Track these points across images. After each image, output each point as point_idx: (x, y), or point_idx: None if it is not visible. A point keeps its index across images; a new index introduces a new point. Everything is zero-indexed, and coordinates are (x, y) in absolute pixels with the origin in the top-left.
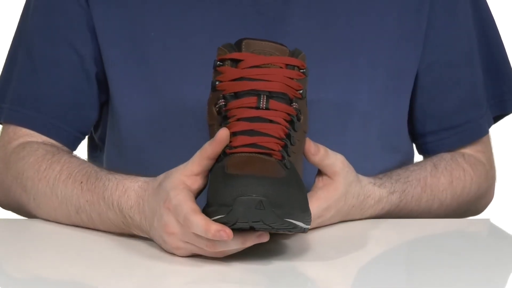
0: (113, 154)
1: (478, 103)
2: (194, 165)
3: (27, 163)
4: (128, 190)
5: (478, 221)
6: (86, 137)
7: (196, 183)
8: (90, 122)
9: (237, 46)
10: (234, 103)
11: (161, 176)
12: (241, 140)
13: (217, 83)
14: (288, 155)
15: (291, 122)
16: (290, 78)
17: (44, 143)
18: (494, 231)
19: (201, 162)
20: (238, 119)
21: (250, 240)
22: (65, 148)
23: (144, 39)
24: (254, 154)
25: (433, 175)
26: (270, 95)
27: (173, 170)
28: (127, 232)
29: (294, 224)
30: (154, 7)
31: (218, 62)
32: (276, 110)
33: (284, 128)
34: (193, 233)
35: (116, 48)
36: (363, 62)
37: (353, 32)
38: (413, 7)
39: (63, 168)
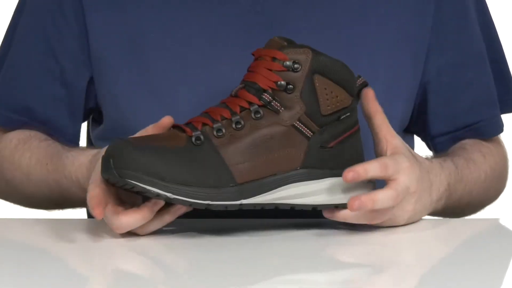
0: None
1: (491, 103)
2: None
3: (4, 157)
4: (82, 165)
5: (487, 221)
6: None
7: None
8: (66, 128)
9: None
10: None
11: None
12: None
13: None
14: (218, 135)
15: (245, 110)
16: (268, 69)
17: (18, 132)
18: (503, 231)
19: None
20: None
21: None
22: (40, 134)
23: (143, 42)
24: (174, 129)
25: (467, 153)
26: (244, 85)
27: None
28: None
29: (140, 187)
30: (152, 10)
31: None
32: (238, 97)
33: (229, 113)
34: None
35: (115, 52)
36: (363, 64)
37: (353, 34)
38: (415, 9)
39: (32, 154)
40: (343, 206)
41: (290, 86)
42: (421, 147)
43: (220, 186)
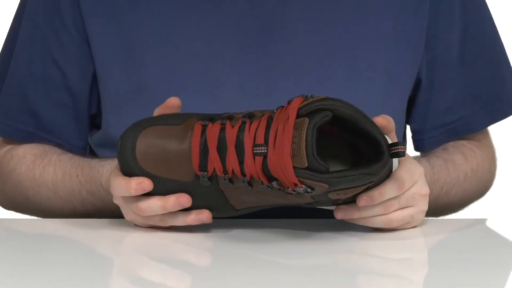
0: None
1: (472, 101)
2: None
3: (21, 174)
4: (108, 171)
5: (475, 221)
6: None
7: None
8: (73, 135)
9: None
10: None
11: None
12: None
13: None
14: (226, 183)
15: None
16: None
17: (30, 147)
18: (489, 233)
19: None
20: None
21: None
22: (54, 147)
23: (141, 49)
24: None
25: (447, 154)
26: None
27: None
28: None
29: None
30: (149, 16)
31: None
32: (255, 167)
33: (240, 174)
34: (131, 203)
35: (114, 59)
36: (361, 65)
37: (351, 35)
38: (411, 9)
39: (56, 168)
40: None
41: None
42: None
43: (219, 215)
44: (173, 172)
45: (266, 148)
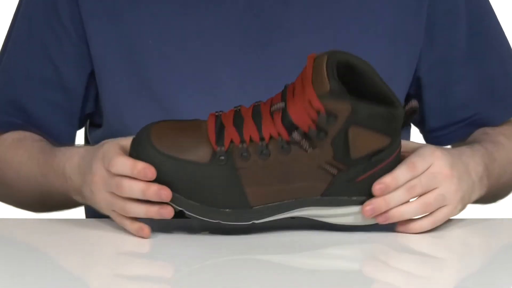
0: None
1: (486, 96)
2: None
3: None
4: (74, 155)
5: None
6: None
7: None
8: (62, 133)
9: None
10: None
11: (102, 142)
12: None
13: None
14: (243, 157)
15: (274, 139)
16: (305, 109)
17: (13, 133)
18: None
19: None
20: None
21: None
22: (35, 135)
23: (141, 49)
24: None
25: (490, 136)
26: (283, 105)
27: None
28: (71, 201)
29: None
30: (149, 16)
31: None
32: (272, 118)
33: (258, 136)
34: (116, 179)
35: (114, 59)
36: None
37: (350, 34)
38: (410, 9)
39: (24, 151)
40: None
41: (322, 133)
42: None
43: (232, 208)
44: (189, 153)
45: (284, 103)
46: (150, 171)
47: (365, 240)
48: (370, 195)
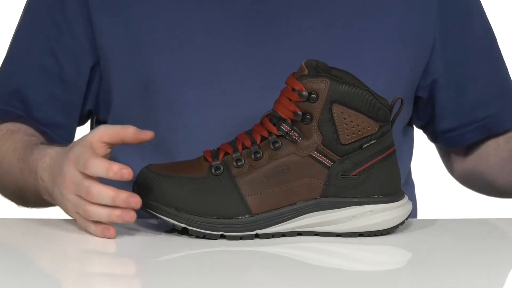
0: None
1: (499, 97)
2: (106, 135)
3: None
4: (46, 155)
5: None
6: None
7: (100, 149)
8: (60, 126)
9: None
10: None
11: (72, 142)
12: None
13: None
14: (237, 165)
15: (265, 139)
16: (289, 99)
17: (11, 124)
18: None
19: (114, 137)
20: None
21: (115, 215)
22: (30, 129)
23: (147, 42)
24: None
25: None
26: (270, 113)
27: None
28: (42, 201)
29: (158, 217)
30: (154, 9)
31: None
32: (262, 125)
33: (249, 142)
34: (86, 183)
35: (119, 52)
36: (365, 61)
37: (356, 30)
38: (417, 8)
39: (12, 143)
40: (368, 234)
41: (308, 116)
42: (421, 143)
43: (234, 217)
44: (186, 171)
45: (271, 109)
46: (127, 171)
47: (371, 240)
48: (370, 195)
